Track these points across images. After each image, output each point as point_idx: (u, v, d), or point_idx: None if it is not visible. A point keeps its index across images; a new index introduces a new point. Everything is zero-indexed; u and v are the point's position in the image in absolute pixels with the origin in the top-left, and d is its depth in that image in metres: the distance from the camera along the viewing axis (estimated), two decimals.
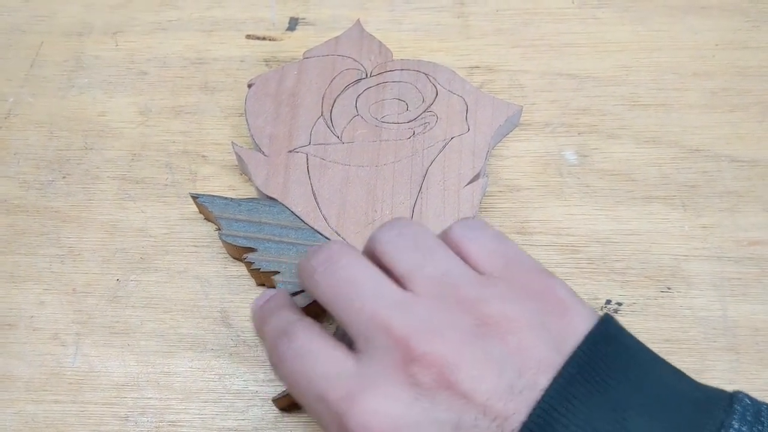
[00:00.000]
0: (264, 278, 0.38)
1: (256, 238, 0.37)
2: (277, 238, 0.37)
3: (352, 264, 0.28)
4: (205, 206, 0.38)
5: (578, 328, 0.25)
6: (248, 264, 0.37)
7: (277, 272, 0.37)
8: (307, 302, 0.36)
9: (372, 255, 0.29)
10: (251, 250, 0.37)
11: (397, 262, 0.28)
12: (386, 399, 0.24)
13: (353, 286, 0.27)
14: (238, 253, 0.38)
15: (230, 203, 0.38)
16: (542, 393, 0.23)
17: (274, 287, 0.37)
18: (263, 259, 0.37)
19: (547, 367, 0.24)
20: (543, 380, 0.24)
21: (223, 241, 0.38)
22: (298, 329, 0.28)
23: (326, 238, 0.38)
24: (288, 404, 0.36)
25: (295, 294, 0.36)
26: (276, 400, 0.35)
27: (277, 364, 0.28)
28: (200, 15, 0.49)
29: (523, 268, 0.28)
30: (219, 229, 0.38)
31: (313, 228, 0.38)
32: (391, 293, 0.27)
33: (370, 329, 0.25)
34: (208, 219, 0.40)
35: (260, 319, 0.31)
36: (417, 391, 0.24)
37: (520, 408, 0.23)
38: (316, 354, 0.27)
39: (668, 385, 0.25)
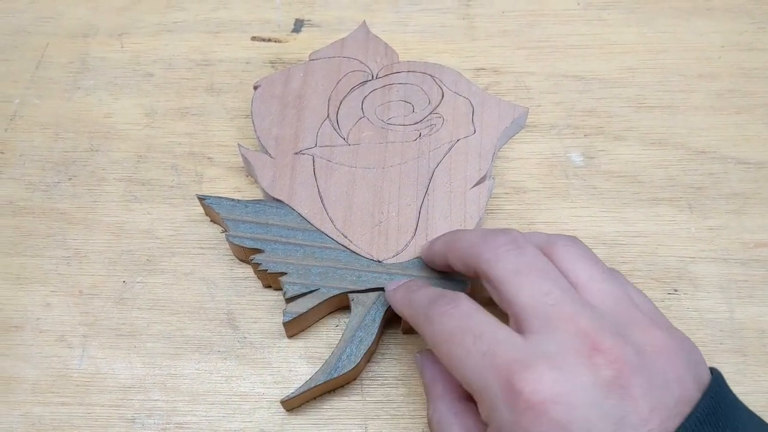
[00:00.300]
0: (271, 280, 0.38)
1: (263, 239, 0.37)
2: (284, 240, 0.37)
3: (539, 255, 0.30)
4: (212, 208, 0.38)
5: (702, 370, 0.28)
6: (255, 265, 0.37)
7: (284, 273, 0.37)
8: (315, 303, 0.36)
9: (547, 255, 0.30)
10: (258, 251, 0.37)
11: (577, 269, 0.29)
12: (563, 375, 0.25)
13: (543, 273, 0.28)
14: (245, 254, 0.38)
15: (237, 205, 0.38)
16: (682, 420, 0.25)
17: (280, 289, 0.37)
18: (270, 261, 0.37)
19: (689, 401, 0.26)
20: (686, 410, 0.26)
21: (230, 243, 0.38)
22: (461, 296, 0.30)
23: (333, 239, 0.38)
24: (297, 405, 0.36)
25: (301, 296, 0.36)
26: (284, 402, 0.35)
27: (436, 319, 0.29)
28: (206, 17, 0.49)
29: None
30: (225, 231, 0.38)
31: (319, 230, 0.38)
32: (574, 292, 0.28)
33: (554, 315, 0.27)
34: (214, 221, 0.40)
35: (406, 288, 0.34)
36: (595, 379, 0.25)
37: (670, 429, 0.25)
38: (484, 317, 0.28)
39: None
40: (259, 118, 0.41)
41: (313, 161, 0.40)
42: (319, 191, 0.39)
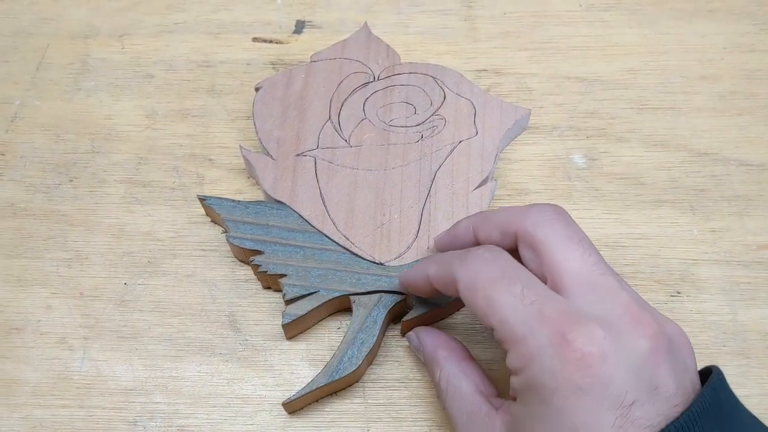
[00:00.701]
0: (270, 281, 0.38)
1: (263, 240, 0.37)
2: (284, 241, 0.37)
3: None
4: (213, 208, 0.38)
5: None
6: (255, 267, 0.37)
7: (284, 275, 0.36)
8: (315, 305, 0.36)
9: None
10: (258, 252, 0.37)
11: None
12: (611, 336, 0.26)
13: (591, 246, 0.29)
14: (245, 255, 0.38)
15: (238, 206, 0.38)
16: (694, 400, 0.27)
17: (280, 290, 0.37)
18: (270, 262, 0.37)
19: (696, 390, 0.28)
20: (694, 397, 0.27)
21: (230, 244, 0.38)
22: (498, 247, 0.30)
23: (333, 242, 0.37)
24: (298, 408, 0.36)
25: (300, 298, 0.36)
26: (286, 404, 0.35)
27: (475, 264, 0.30)
28: (206, 18, 0.48)
29: None
30: (226, 232, 0.38)
31: (321, 232, 0.38)
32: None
33: (601, 284, 0.28)
34: (215, 221, 0.40)
35: (425, 259, 0.34)
36: (636, 347, 0.27)
37: (686, 405, 0.27)
38: (525, 270, 0.29)
39: None
40: (261, 119, 0.41)
41: (315, 163, 0.40)
42: (320, 193, 0.39)
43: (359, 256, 0.37)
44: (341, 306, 0.37)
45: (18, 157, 0.43)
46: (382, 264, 0.37)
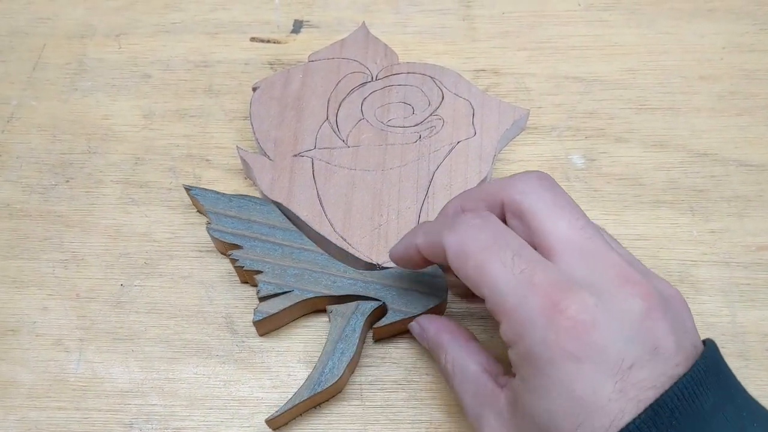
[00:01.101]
0: (247, 276, 0.38)
1: (243, 235, 0.37)
2: (263, 237, 0.37)
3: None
4: (197, 199, 0.38)
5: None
6: (233, 261, 0.37)
7: (260, 272, 0.36)
8: (288, 305, 0.36)
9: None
10: (237, 246, 0.37)
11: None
12: (603, 301, 0.26)
13: (578, 211, 0.29)
14: (225, 248, 0.38)
15: (221, 198, 0.38)
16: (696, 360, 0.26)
17: (256, 286, 0.37)
18: (247, 257, 0.37)
19: (698, 350, 0.27)
20: (694, 356, 0.27)
21: (211, 236, 0.37)
22: (488, 213, 0.30)
23: (313, 243, 0.37)
24: (283, 424, 0.35)
25: (274, 296, 0.36)
26: (269, 421, 0.34)
27: (464, 230, 0.29)
28: (204, 17, 0.48)
29: None
30: (209, 223, 0.38)
31: (319, 233, 0.38)
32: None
33: (589, 248, 0.28)
34: (200, 212, 0.40)
35: (415, 229, 0.33)
36: (629, 308, 0.26)
37: (688, 365, 0.26)
38: (516, 236, 0.29)
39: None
40: (258, 120, 0.41)
41: (313, 163, 0.40)
42: (318, 194, 0.39)
43: (335, 259, 0.37)
44: (315, 307, 0.37)
45: (14, 158, 0.43)
46: (378, 265, 0.37)
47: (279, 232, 0.37)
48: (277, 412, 0.34)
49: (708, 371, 0.26)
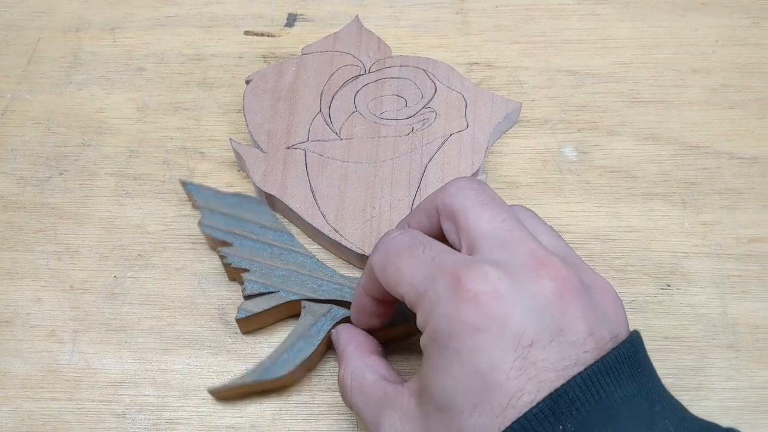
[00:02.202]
0: (234, 274, 0.38)
1: (234, 233, 0.37)
2: (254, 237, 0.37)
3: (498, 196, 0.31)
4: (192, 194, 0.38)
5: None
6: (221, 257, 0.37)
7: (246, 270, 0.36)
8: (271, 305, 0.36)
9: None
10: (227, 244, 0.37)
11: (531, 220, 0.31)
12: (508, 276, 0.26)
13: (501, 205, 0.29)
14: (215, 245, 0.38)
15: (216, 195, 0.38)
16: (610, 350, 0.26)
17: (242, 283, 0.37)
18: (236, 255, 0.37)
19: (618, 341, 0.27)
20: (610, 345, 0.26)
21: (202, 231, 0.38)
22: (412, 229, 0.31)
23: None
24: (227, 398, 0.36)
25: (259, 295, 0.36)
26: (212, 391, 0.35)
27: (386, 244, 0.30)
28: (198, 11, 0.48)
29: None
30: (199, 224, 0.38)
31: (312, 225, 0.38)
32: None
33: (508, 238, 0.28)
34: (195, 207, 0.40)
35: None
36: (538, 289, 0.26)
37: (600, 354, 0.26)
38: (428, 238, 0.29)
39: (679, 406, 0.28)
40: (251, 112, 0.41)
41: (305, 156, 0.40)
42: (311, 186, 0.39)
43: (324, 263, 0.37)
44: (298, 310, 0.37)
45: (9, 151, 0.43)
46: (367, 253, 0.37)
47: (270, 233, 0.37)
48: (221, 386, 0.35)
49: (621, 361, 0.26)
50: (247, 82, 0.42)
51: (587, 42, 0.46)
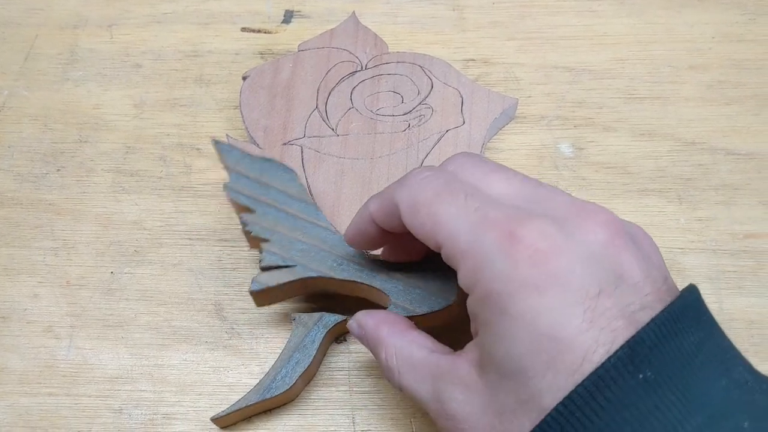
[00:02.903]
0: (254, 243, 0.36)
1: (258, 199, 0.35)
2: (278, 205, 0.36)
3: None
4: (222, 155, 0.36)
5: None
6: (243, 225, 0.35)
7: (267, 240, 0.35)
8: (287, 280, 0.34)
9: None
10: (250, 210, 0.35)
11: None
12: (563, 230, 0.25)
13: (502, 166, 0.29)
14: (239, 210, 0.36)
15: (245, 158, 0.36)
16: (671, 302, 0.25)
17: (261, 252, 0.35)
18: (257, 224, 0.35)
19: (671, 290, 0.26)
20: (669, 298, 0.26)
21: (227, 196, 0.36)
22: (441, 168, 0.29)
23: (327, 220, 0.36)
24: (231, 424, 0.35)
25: (276, 268, 0.35)
26: (216, 420, 0.34)
27: (416, 184, 0.28)
28: (195, 8, 0.48)
29: None
30: (224, 188, 0.36)
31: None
32: None
33: (534, 195, 0.27)
34: (225, 169, 0.37)
35: (367, 201, 0.32)
36: (592, 238, 0.25)
37: (660, 298, 0.25)
38: (465, 182, 0.28)
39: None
40: (248, 108, 0.41)
41: (302, 152, 0.40)
42: (307, 182, 0.39)
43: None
44: (315, 288, 0.36)
45: (6, 147, 0.43)
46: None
47: (296, 203, 0.36)
48: (223, 412, 0.34)
49: (688, 307, 0.25)
50: (244, 79, 0.42)
51: (583, 38, 0.46)
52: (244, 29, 0.47)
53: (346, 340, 0.37)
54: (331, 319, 0.35)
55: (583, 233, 0.25)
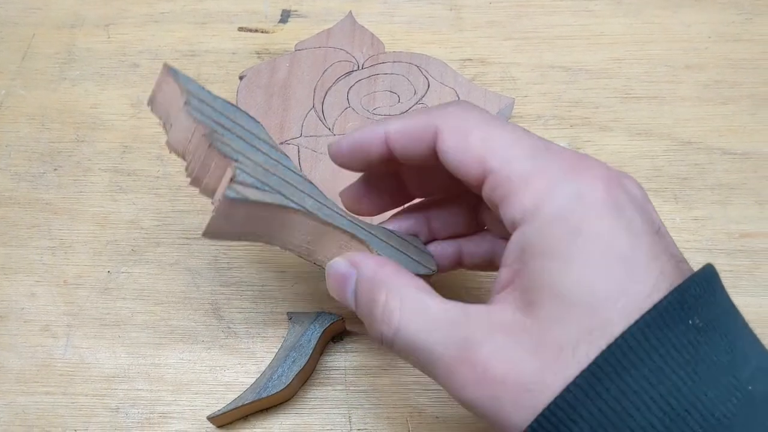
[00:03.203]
0: (203, 170, 0.27)
1: (224, 126, 0.28)
2: (247, 140, 0.29)
3: None
4: (181, 83, 0.28)
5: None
6: (208, 137, 0.27)
7: (235, 161, 0.27)
8: (269, 201, 0.27)
9: None
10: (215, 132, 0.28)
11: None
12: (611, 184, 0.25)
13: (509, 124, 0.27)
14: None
15: (206, 92, 0.29)
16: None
17: (210, 196, 0.28)
18: (224, 143, 0.27)
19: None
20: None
21: (185, 120, 0.28)
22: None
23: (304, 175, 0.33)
24: (227, 422, 0.35)
25: (255, 188, 0.27)
26: (212, 419, 0.34)
27: (455, 112, 0.27)
28: (193, 7, 0.48)
29: None
30: (186, 103, 0.27)
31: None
32: None
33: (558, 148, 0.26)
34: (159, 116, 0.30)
35: (381, 120, 0.29)
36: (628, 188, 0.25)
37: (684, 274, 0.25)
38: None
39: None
40: (245, 108, 0.41)
41: (299, 151, 0.40)
42: None
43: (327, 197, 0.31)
44: (285, 238, 0.29)
45: (3, 146, 0.43)
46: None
47: (265, 145, 0.29)
48: (220, 411, 0.34)
49: (716, 274, 0.25)
50: (241, 78, 0.42)
51: (580, 38, 0.47)
52: (241, 29, 0.47)
53: (342, 340, 0.37)
54: (328, 318, 0.35)
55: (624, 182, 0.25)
